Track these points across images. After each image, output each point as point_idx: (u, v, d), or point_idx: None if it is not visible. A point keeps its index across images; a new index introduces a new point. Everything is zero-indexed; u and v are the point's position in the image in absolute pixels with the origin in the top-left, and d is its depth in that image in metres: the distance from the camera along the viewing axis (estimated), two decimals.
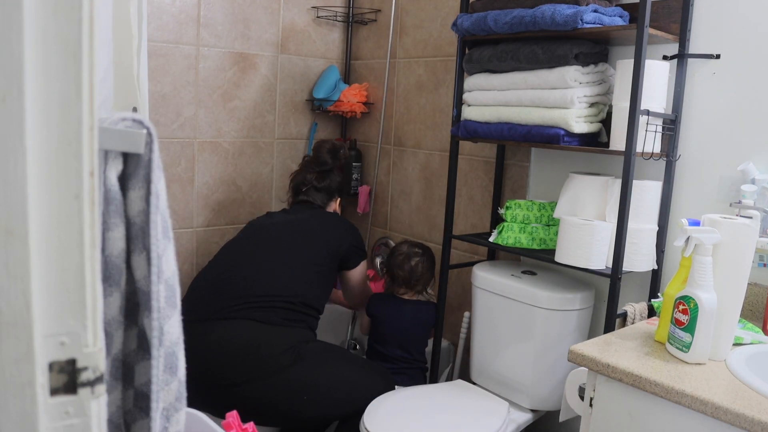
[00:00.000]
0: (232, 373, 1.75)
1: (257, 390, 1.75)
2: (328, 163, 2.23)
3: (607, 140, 1.72)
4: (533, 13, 1.64)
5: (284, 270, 1.93)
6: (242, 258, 1.96)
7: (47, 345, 0.52)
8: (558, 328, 1.78)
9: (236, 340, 1.78)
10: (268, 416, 1.81)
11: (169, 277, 0.69)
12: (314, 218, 2.12)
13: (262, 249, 1.98)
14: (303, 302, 1.91)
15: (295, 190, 2.23)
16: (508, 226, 1.85)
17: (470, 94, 1.90)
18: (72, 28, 0.49)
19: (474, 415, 1.78)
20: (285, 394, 1.77)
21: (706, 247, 1.23)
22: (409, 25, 2.49)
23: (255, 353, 1.76)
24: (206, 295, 1.87)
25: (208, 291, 1.88)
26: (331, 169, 2.24)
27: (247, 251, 1.98)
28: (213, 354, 1.76)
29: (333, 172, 2.25)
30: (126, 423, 0.72)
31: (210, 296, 1.86)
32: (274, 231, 2.04)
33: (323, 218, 2.14)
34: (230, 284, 1.88)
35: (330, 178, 2.23)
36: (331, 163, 2.24)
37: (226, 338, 1.78)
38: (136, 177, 0.65)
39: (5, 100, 0.48)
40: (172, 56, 2.29)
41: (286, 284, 1.90)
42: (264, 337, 1.79)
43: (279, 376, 1.76)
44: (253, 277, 1.89)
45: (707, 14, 1.62)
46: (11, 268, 0.50)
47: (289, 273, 1.93)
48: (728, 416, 1.06)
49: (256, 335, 1.79)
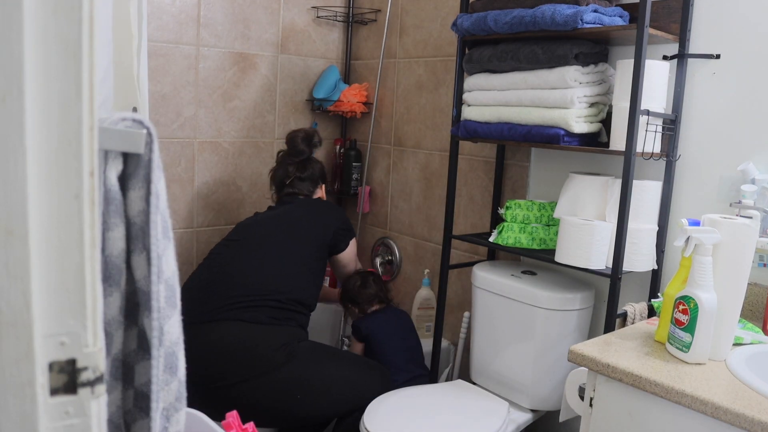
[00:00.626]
0: (225, 374, 1.75)
1: (250, 390, 1.75)
2: (305, 151, 2.22)
3: (607, 140, 1.72)
4: (533, 13, 1.64)
5: (272, 268, 1.93)
6: (230, 259, 1.95)
7: (47, 345, 0.52)
8: (558, 328, 1.78)
9: (227, 342, 1.77)
10: (263, 416, 1.80)
11: (169, 277, 0.69)
12: (298, 209, 2.12)
13: (249, 248, 1.97)
14: (292, 299, 1.90)
15: (279, 185, 2.22)
16: (508, 226, 1.85)
17: (470, 94, 1.90)
18: (72, 28, 0.49)
19: (474, 415, 1.78)
20: (278, 394, 1.77)
21: (706, 247, 1.23)
22: (409, 25, 2.49)
23: (247, 354, 1.76)
24: (196, 297, 1.87)
25: (198, 294, 1.88)
26: (309, 157, 2.24)
27: (235, 251, 1.97)
28: (205, 356, 1.76)
29: (312, 159, 2.25)
30: (126, 423, 0.72)
31: (200, 299, 1.86)
32: (259, 228, 2.04)
33: (308, 207, 2.14)
34: (219, 286, 1.88)
35: (311, 167, 2.23)
36: (308, 152, 2.23)
37: (217, 340, 1.78)
38: (136, 177, 0.65)
39: (5, 100, 0.48)
40: (172, 56, 2.29)
41: (275, 282, 1.90)
42: (255, 337, 1.79)
43: (271, 376, 1.76)
44: (241, 277, 1.89)
45: (707, 14, 1.62)
46: (11, 268, 0.50)
47: (277, 271, 1.93)
48: (728, 416, 1.06)
49: (247, 336, 1.79)
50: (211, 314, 1.81)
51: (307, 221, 2.08)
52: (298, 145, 2.22)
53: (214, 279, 1.90)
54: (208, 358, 1.75)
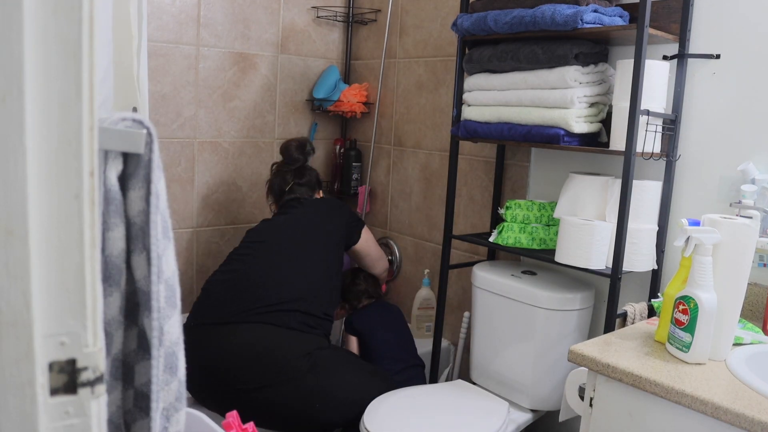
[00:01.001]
0: (250, 377, 1.76)
1: (272, 395, 1.76)
2: (300, 159, 2.27)
3: (607, 140, 1.72)
4: (533, 13, 1.64)
5: (301, 273, 1.95)
6: (257, 261, 1.95)
7: (47, 345, 0.52)
8: (558, 328, 1.78)
9: (256, 345, 1.78)
10: (279, 421, 1.82)
11: (169, 277, 0.69)
12: (308, 211, 2.14)
13: (275, 252, 1.98)
14: (321, 308, 1.93)
15: (278, 193, 2.25)
16: (508, 226, 1.85)
17: (470, 94, 1.90)
18: (72, 28, 0.49)
19: (474, 415, 1.78)
20: (299, 401, 1.78)
21: (706, 247, 1.23)
22: (409, 25, 2.49)
23: (273, 358, 1.77)
24: (223, 298, 1.87)
25: (226, 295, 1.88)
26: (305, 164, 2.28)
27: (261, 255, 1.98)
28: (233, 357, 1.77)
29: (307, 167, 2.29)
30: (126, 423, 0.72)
31: (228, 300, 1.87)
32: (278, 233, 2.05)
33: (315, 207, 2.17)
34: (249, 287, 1.88)
35: (308, 173, 2.27)
36: (303, 159, 2.27)
37: (246, 342, 1.78)
38: (136, 177, 0.65)
39: (5, 100, 0.48)
40: (172, 56, 2.29)
41: (306, 289, 1.92)
42: (282, 343, 1.80)
43: (294, 383, 1.77)
44: (272, 281, 1.90)
45: (707, 14, 1.62)
46: (11, 268, 0.50)
47: (306, 277, 1.95)
48: (728, 416, 1.06)
49: (275, 340, 1.80)
50: (242, 315, 1.82)
51: (321, 222, 2.11)
52: (292, 153, 2.26)
53: (242, 281, 1.90)
54: (237, 359, 1.76)
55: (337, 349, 1.97)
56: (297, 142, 2.29)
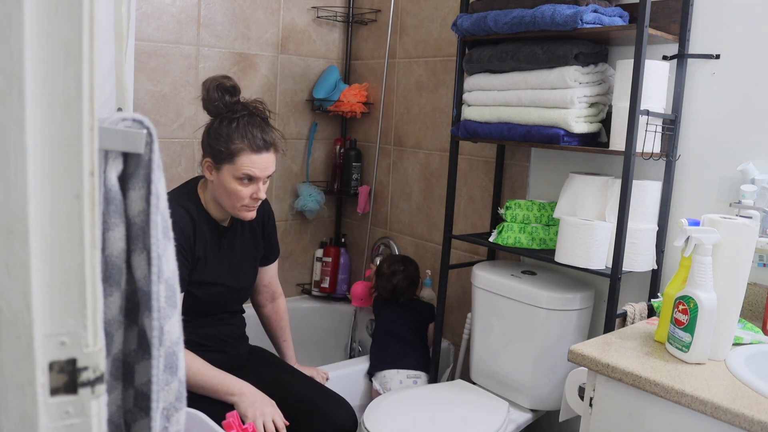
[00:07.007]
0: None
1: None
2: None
3: (607, 140, 1.72)
4: (533, 13, 1.64)
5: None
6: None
7: (47, 345, 0.52)
8: (558, 328, 1.78)
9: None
10: None
11: (169, 277, 0.69)
12: None
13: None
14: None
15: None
16: (508, 226, 1.85)
17: (470, 94, 1.90)
18: (72, 29, 0.49)
19: (474, 414, 1.78)
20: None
21: (705, 247, 1.23)
22: (409, 25, 2.49)
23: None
24: None
25: None
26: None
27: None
28: None
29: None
30: (126, 423, 0.72)
31: None
32: None
33: None
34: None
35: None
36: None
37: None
38: (137, 177, 0.65)
39: (5, 100, 0.48)
40: (172, 56, 2.29)
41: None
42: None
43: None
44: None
45: (707, 14, 1.62)
46: (11, 268, 0.50)
47: None
48: (728, 416, 1.06)
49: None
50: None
51: None
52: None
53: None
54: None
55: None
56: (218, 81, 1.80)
